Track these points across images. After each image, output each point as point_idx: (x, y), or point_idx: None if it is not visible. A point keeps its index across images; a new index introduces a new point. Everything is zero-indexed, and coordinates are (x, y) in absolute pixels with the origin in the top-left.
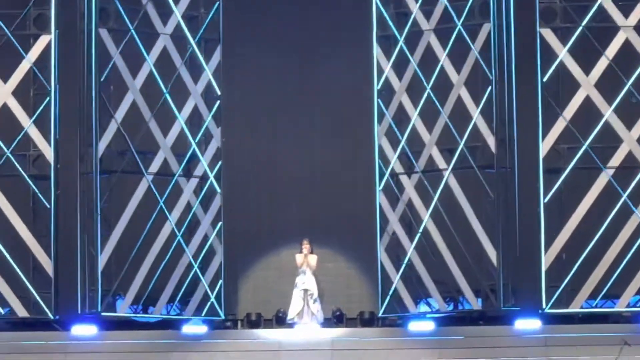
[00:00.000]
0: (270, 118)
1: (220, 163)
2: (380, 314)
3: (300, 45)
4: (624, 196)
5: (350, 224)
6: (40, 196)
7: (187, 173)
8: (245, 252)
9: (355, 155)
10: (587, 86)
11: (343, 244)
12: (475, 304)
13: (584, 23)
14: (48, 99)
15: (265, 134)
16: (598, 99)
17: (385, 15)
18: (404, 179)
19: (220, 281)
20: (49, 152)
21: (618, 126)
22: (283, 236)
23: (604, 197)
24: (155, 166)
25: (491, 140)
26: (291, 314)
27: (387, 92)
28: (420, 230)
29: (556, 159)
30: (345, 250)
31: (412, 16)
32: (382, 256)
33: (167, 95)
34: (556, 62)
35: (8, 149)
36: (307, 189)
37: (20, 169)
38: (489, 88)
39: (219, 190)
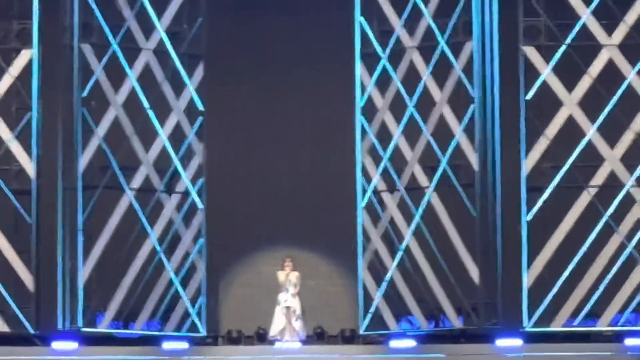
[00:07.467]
0: (253, 135)
1: (202, 179)
2: (361, 332)
3: (283, 62)
4: (606, 215)
5: (332, 241)
6: (22, 211)
7: (169, 189)
8: (227, 268)
9: (337, 173)
10: (570, 105)
11: (325, 261)
12: (457, 322)
13: (567, 41)
14: (30, 113)
15: (248, 151)
16: (581, 118)
17: (369, 32)
18: (386, 196)
19: (201, 298)
20: (30, 167)
21: (601, 145)
22: (265, 253)
23: (586, 216)
24: (137, 182)
25: (474, 159)
26: (273, 331)
27: (370, 109)
28: (402, 248)
29: (539, 177)
30: (326, 268)
31: (396, 34)
32: (364, 273)
33: (150, 111)
34: (539, 80)
35: None
36: (289, 206)
37: (1, 183)
38: (472, 106)
39: (200, 206)
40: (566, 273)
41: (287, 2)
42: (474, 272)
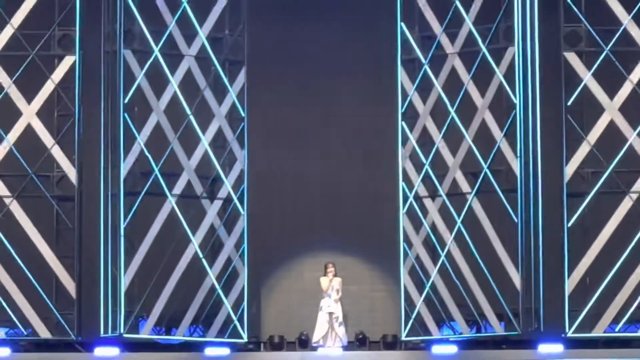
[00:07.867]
0: (294, 140)
1: (244, 185)
2: (403, 337)
3: (324, 68)
4: None
5: (374, 247)
6: (64, 217)
7: (211, 195)
8: (269, 274)
9: (379, 178)
10: (611, 110)
11: (367, 267)
12: (498, 327)
13: (608, 47)
14: (72, 119)
15: (289, 156)
16: (622, 123)
17: (410, 38)
18: (427, 202)
19: (243, 303)
20: (72, 173)
21: None
22: (307, 259)
23: (627, 221)
24: (179, 188)
25: (515, 164)
26: (316, 337)
27: (412, 115)
28: (444, 253)
29: (580, 183)
30: (368, 273)
31: (437, 40)
32: (406, 279)
33: (191, 117)
34: (581, 86)
35: (32, 170)
36: (331, 212)
37: (44, 189)
38: (513, 112)
39: (242, 212)
40: (608, 279)
41: (328, 8)
42: (515, 278)
